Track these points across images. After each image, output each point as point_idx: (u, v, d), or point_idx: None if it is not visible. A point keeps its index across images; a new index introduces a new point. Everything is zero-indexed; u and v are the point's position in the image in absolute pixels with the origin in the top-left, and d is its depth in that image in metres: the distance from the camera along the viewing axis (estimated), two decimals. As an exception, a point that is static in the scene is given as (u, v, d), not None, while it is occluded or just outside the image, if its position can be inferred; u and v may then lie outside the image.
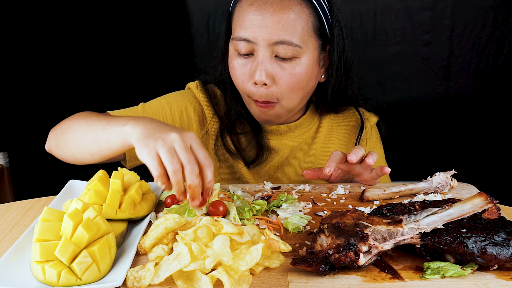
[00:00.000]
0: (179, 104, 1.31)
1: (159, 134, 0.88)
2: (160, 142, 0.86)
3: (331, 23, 1.21)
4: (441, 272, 0.76)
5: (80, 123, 1.07)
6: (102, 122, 1.01)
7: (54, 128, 1.17)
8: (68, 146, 1.09)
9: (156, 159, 0.86)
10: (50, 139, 1.16)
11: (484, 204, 0.80)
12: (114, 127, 0.96)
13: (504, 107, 2.22)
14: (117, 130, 0.95)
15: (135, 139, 0.90)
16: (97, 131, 1.00)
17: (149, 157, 0.86)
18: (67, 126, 1.11)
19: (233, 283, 0.71)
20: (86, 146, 1.03)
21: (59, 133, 1.12)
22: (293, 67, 1.16)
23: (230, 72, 1.23)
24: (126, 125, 0.93)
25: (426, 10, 2.11)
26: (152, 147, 0.87)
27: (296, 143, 1.35)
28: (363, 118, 1.38)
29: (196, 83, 1.36)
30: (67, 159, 1.13)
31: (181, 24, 2.21)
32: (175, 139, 0.87)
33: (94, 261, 0.75)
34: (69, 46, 2.21)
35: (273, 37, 1.13)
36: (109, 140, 0.97)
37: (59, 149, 1.12)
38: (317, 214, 1.01)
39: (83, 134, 1.04)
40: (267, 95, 1.17)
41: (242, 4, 1.18)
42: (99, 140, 1.00)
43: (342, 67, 1.25)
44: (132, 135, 0.91)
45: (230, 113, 1.31)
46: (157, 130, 0.89)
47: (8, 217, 1.02)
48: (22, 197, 1.14)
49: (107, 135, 0.97)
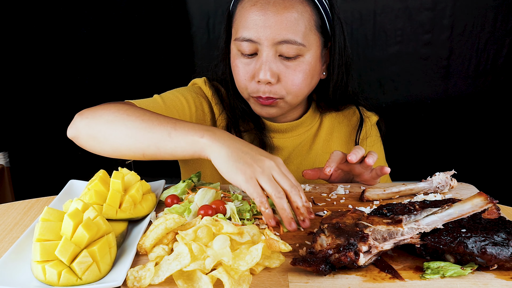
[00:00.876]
0: (194, 98, 1.30)
1: (252, 161, 0.91)
2: (258, 170, 0.90)
3: (332, 20, 1.22)
4: (441, 272, 0.76)
5: (134, 119, 1.00)
6: (166, 126, 0.98)
7: (86, 114, 1.05)
8: (111, 140, 1.01)
9: (258, 186, 0.89)
10: (80, 127, 1.04)
11: (484, 204, 0.80)
12: (185, 136, 0.96)
13: (504, 107, 2.22)
14: (191, 140, 0.95)
15: (220, 159, 0.92)
16: (161, 135, 0.97)
17: (249, 185, 0.89)
18: (112, 117, 1.02)
19: (233, 283, 0.71)
20: (142, 147, 0.99)
21: (98, 123, 1.02)
22: (297, 65, 1.17)
23: (233, 71, 1.24)
24: (202, 136, 0.94)
25: (426, 10, 2.11)
26: (250, 174, 0.90)
27: (298, 142, 1.36)
28: (363, 116, 1.38)
29: (203, 79, 1.35)
30: (101, 152, 1.05)
31: (181, 24, 2.21)
32: (272, 167, 0.92)
33: (95, 261, 0.76)
34: (69, 46, 2.22)
35: (277, 37, 1.13)
36: (176, 147, 0.96)
37: (95, 140, 1.03)
38: (317, 214, 1.01)
39: (139, 133, 0.98)
40: (271, 91, 1.18)
41: (243, 5, 1.18)
42: (162, 145, 0.97)
43: (343, 64, 1.26)
44: (214, 152, 0.93)
45: (235, 111, 1.31)
46: (245, 152, 0.93)
47: (8, 217, 1.02)
48: (22, 197, 1.14)
49: (175, 142, 0.96)
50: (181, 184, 1.07)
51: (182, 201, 1.03)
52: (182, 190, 1.05)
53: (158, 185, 1.11)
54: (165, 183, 1.13)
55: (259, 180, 0.90)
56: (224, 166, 0.92)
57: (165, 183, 1.13)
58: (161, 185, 1.11)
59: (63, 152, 2.28)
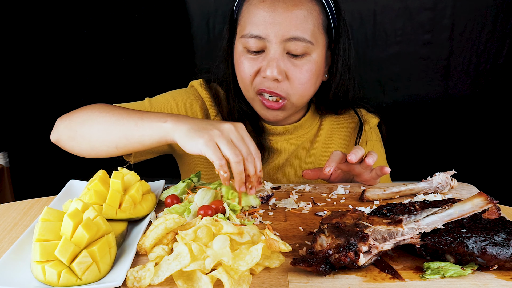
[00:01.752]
0: (184, 100, 1.31)
1: (212, 126, 0.92)
2: (216, 132, 0.91)
3: (337, 22, 1.22)
4: (441, 272, 0.76)
5: (104, 115, 1.05)
6: (133, 117, 1.01)
7: (65, 118, 1.12)
8: (87, 138, 1.07)
9: (217, 149, 0.90)
10: (60, 130, 1.11)
11: (484, 204, 0.80)
12: (150, 123, 0.99)
13: (504, 107, 2.22)
14: (155, 126, 0.97)
15: (182, 134, 0.93)
16: (129, 125, 1.01)
17: (208, 147, 0.90)
18: (86, 117, 1.08)
19: (233, 283, 0.71)
20: (114, 139, 1.03)
21: (75, 124, 1.09)
22: (304, 64, 1.17)
23: (237, 68, 1.23)
24: (166, 121, 0.96)
25: (426, 10, 2.11)
26: (208, 138, 0.90)
27: (297, 144, 1.35)
28: (362, 119, 1.38)
29: (199, 81, 1.35)
30: (80, 152, 1.11)
31: (181, 24, 2.21)
32: (231, 130, 0.92)
33: (94, 261, 0.75)
34: (69, 46, 2.21)
35: (285, 34, 1.13)
36: (143, 135, 0.99)
37: (74, 140, 1.09)
38: (317, 214, 1.01)
39: (110, 127, 1.03)
40: (278, 88, 1.18)
41: (251, 2, 1.18)
42: (130, 135, 1.01)
43: (346, 66, 1.26)
44: (176, 131, 0.94)
45: (233, 113, 1.31)
46: (206, 123, 0.94)
47: (8, 217, 1.02)
48: (22, 197, 1.14)
49: (142, 130, 0.99)
50: (181, 184, 1.07)
51: (182, 201, 1.03)
52: (182, 190, 1.06)
53: (158, 185, 1.11)
54: (165, 183, 1.13)
55: (218, 143, 0.91)
56: (185, 140, 0.93)
57: (165, 183, 1.13)
58: (161, 185, 1.11)
59: (63, 152, 2.27)
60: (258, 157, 0.96)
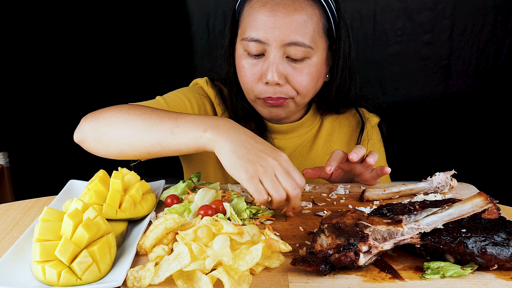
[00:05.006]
0: (196, 99, 1.31)
1: (256, 158, 0.91)
2: (261, 170, 0.90)
3: (338, 23, 1.22)
4: (441, 272, 0.76)
5: (135, 118, 1.00)
6: (168, 123, 0.97)
7: (91, 118, 1.05)
8: (116, 141, 1.01)
9: (260, 185, 0.90)
10: (86, 131, 1.05)
11: (484, 204, 0.80)
12: (187, 131, 0.95)
13: (504, 107, 2.22)
14: (194, 136, 0.95)
15: (225, 155, 0.92)
16: (163, 132, 0.97)
17: (251, 184, 0.90)
18: (115, 119, 1.02)
19: (233, 283, 0.71)
20: (146, 146, 0.99)
21: (102, 126, 1.03)
22: (304, 68, 1.17)
23: (238, 71, 1.23)
24: (205, 131, 0.94)
25: (426, 10, 2.11)
26: (252, 173, 0.90)
27: (298, 143, 1.35)
28: (364, 118, 1.38)
29: (205, 79, 1.35)
30: (107, 155, 1.05)
31: (181, 24, 2.21)
32: (275, 166, 0.91)
33: (94, 261, 0.76)
34: (69, 46, 2.22)
35: (285, 38, 1.13)
36: (179, 144, 0.96)
37: (101, 143, 1.03)
38: (317, 214, 1.01)
39: (142, 132, 0.98)
40: (282, 92, 1.18)
41: (253, 5, 1.18)
42: (165, 143, 0.97)
43: (347, 67, 1.26)
44: (217, 145, 0.93)
45: (236, 112, 1.31)
46: (249, 149, 0.92)
47: (8, 217, 1.02)
48: (22, 197, 1.14)
49: (178, 139, 0.96)
50: (181, 184, 1.07)
51: (182, 201, 1.02)
52: (182, 190, 1.05)
53: (158, 185, 1.11)
54: (165, 183, 1.13)
55: (262, 180, 0.90)
56: (227, 162, 0.92)
57: (165, 183, 1.13)
58: (161, 185, 1.11)
59: (63, 152, 2.28)
60: (302, 188, 0.95)
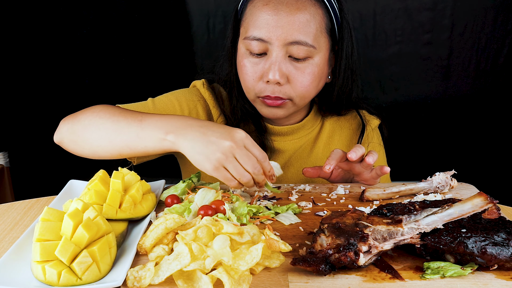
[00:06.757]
0: (188, 101, 1.31)
1: (214, 147, 0.93)
2: (222, 158, 0.93)
3: (341, 24, 1.22)
4: (441, 272, 0.76)
5: (105, 122, 1.04)
6: (134, 126, 1.01)
7: (68, 120, 1.11)
8: (89, 143, 1.06)
9: (227, 174, 0.94)
10: (63, 132, 1.10)
11: (484, 204, 0.80)
12: (151, 135, 0.99)
13: (504, 107, 2.22)
14: (157, 139, 0.98)
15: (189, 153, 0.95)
16: (130, 136, 1.01)
17: (218, 174, 0.94)
18: (88, 122, 1.07)
19: (233, 283, 0.71)
20: (116, 148, 1.04)
21: (78, 129, 1.08)
22: (306, 67, 1.17)
23: (239, 70, 1.23)
24: (167, 134, 0.97)
25: (426, 10, 2.11)
26: (216, 164, 0.93)
27: (298, 145, 1.35)
28: (364, 121, 1.38)
29: (202, 81, 1.35)
30: (83, 155, 1.11)
31: (181, 24, 2.21)
32: (233, 148, 0.93)
33: (94, 261, 0.76)
34: (69, 46, 2.21)
35: (288, 37, 1.13)
36: (146, 147, 1.00)
37: (76, 144, 1.09)
38: (317, 214, 1.01)
39: (112, 135, 1.03)
40: (280, 91, 1.18)
41: (255, 4, 1.18)
42: (133, 145, 1.01)
43: (349, 68, 1.26)
44: (180, 147, 0.96)
45: (236, 113, 1.31)
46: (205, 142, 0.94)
47: (8, 217, 1.02)
48: (22, 197, 1.14)
49: (144, 142, 1.00)
50: (181, 184, 1.07)
51: (182, 201, 1.03)
52: (182, 190, 1.06)
53: (158, 185, 1.11)
54: (165, 183, 1.13)
55: (226, 167, 0.94)
56: (193, 160, 0.96)
57: (165, 183, 1.13)
58: (161, 185, 1.11)
59: (63, 152, 2.27)
60: (264, 160, 0.97)
